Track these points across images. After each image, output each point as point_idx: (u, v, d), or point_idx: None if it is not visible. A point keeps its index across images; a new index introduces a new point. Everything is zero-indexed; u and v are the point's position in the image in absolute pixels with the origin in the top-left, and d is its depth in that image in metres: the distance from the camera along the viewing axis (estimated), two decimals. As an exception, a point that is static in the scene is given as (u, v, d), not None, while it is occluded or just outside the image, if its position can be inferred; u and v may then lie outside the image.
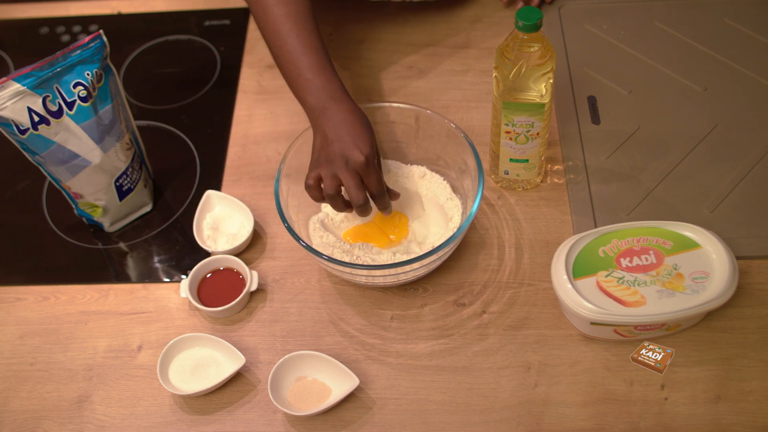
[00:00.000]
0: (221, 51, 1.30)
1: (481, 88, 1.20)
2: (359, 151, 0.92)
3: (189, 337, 0.97)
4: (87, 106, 0.98)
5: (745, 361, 0.92)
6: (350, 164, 0.92)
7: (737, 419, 0.89)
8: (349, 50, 1.27)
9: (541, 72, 0.93)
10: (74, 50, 0.97)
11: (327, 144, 0.94)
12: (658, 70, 1.18)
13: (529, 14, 0.90)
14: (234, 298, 0.99)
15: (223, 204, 1.09)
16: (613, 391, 0.91)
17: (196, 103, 1.25)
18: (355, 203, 0.93)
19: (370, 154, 0.93)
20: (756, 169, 1.07)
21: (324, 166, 0.94)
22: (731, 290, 0.90)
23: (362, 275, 0.96)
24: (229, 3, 1.36)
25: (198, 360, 0.96)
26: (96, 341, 1.01)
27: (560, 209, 1.06)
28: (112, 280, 1.06)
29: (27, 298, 1.05)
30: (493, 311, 0.98)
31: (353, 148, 0.92)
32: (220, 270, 1.03)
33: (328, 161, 0.93)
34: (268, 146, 1.17)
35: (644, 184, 1.06)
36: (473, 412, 0.91)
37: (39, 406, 0.96)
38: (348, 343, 0.98)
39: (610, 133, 1.12)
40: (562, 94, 1.17)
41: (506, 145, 1.02)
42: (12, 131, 0.96)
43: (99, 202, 1.06)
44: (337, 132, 0.94)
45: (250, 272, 1.01)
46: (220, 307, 0.98)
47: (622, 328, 0.91)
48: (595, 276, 0.92)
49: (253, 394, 0.95)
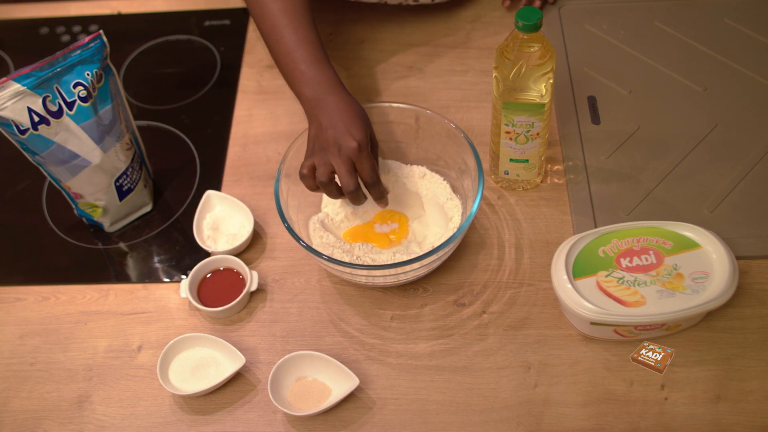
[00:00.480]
0: (221, 51, 1.30)
1: (481, 88, 1.20)
2: (352, 138, 0.93)
3: (189, 337, 0.97)
4: (87, 106, 0.98)
5: (745, 361, 0.92)
6: (343, 151, 0.93)
7: (737, 419, 0.89)
8: (349, 50, 1.27)
9: (541, 72, 0.93)
10: (74, 50, 0.97)
11: (321, 132, 0.95)
12: (658, 70, 1.18)
13: (529, 14, 0.90)
14: (234, 298, 0.99)
15: (223, 204, 1.09)
16: (613, 391, 0.91)
17: (196, 103, 1.25)
18: (346, 189, 0.94)
19: (363, 140, 0.93)
20: (756, 169, 1.07)
21: (318, 154, 0.94)
22: (731, 290, 0.90)
23: (362, 275, 0.96)
24: (229, 3, 1.36)
25: (198, 360, 0.96)
26: (96, 341, 1.01)
27: (560, 209, 1.06)
28: (112, 280, 1.06)
29: (27, 298, 1.05)
30: (493, 311, 0.98)
31: (346, 135, 0.93)
32: (220, 270, 1.03)
33: (322, 149, 0.94)
34: (268, 146, 1.17)
35: (644, 184, 1.06)
36: (473, 412, 0.91)
37: (39, 406, 0.96)
38: (348, 343, 0.98)
39: (610, 133, 1.12)
40: (562, 94, 1.17)
41: (506, 145, 1.02)
42: (12, 131, 0.96)
43: (99, 202, 1.06)
44: (332, 120, 0.94)
45: (250, 272, 1.01)
46: (220, 308, 0.98)
47: (622, 328, 0.91)
48: (595, 276, 0.92)
49: (253, 394, 0.95)
